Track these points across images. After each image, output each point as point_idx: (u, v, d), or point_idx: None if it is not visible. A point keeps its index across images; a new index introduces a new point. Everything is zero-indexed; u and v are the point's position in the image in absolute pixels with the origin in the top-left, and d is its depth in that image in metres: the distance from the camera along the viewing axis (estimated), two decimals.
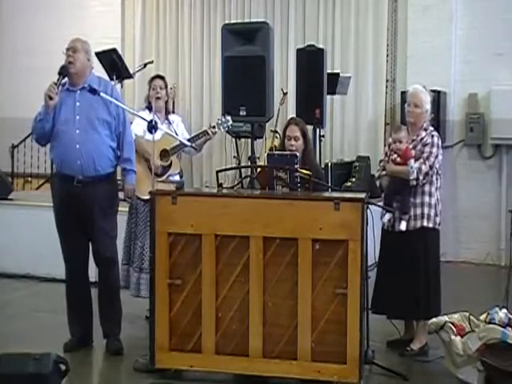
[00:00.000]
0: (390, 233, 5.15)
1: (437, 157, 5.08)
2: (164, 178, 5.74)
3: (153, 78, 6.03)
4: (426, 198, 5.08)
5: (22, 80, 10.61)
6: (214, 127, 5.76)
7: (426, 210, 5.08)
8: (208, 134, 5.77)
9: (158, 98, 5.88)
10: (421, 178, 5.02)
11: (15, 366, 4.16)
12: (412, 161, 5.03)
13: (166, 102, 6.00)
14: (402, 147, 5.10)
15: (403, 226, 5.06)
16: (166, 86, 6.00)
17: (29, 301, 6.63)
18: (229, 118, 5.70)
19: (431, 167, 5.05)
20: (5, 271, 7.35)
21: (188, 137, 5.89)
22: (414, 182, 5.03)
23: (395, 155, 5.12)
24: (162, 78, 6.04)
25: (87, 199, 4.96)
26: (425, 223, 5.07)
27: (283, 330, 4.43)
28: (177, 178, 5.93)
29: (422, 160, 5.03)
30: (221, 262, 4.50)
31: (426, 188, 5.09)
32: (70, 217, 5.03)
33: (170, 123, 5.94)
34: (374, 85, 9.13)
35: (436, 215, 5.12)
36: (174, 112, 6.13)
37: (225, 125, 5.73)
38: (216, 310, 4.51)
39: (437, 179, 5.14)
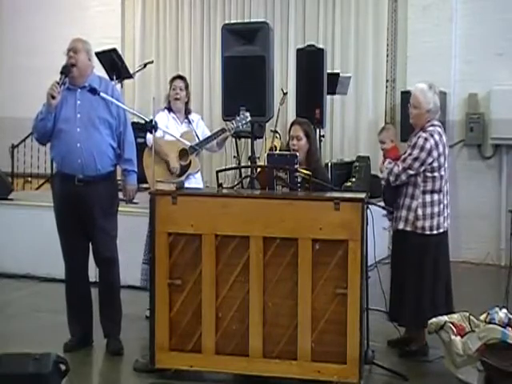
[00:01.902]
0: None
1: (416, 159, 4.88)
2: (184, 177, 5.73)
3: (174, 78, 6.05)
4: (407, 201, 4.98)
5: (21, 80, 10.62)
6: (232, 123, 5.74)
7: (403, 213, 4.98)
8: (226, 131, 5.76)
9: (176, 99, 5.89)
10: (391, 178, 4.97)
11: (15, 366, 4.16)
12: (387, 161, 5.05)
13: (186, 103, 6.00)
14: (386, 148, 5.16)
15: (386, 225, 5.09)
16: (187, 87, 6.00)
17: (29, 301, 6.63)
18: (247, 114, 5.67)
19: (405, 169, 4.91)
20: (5, 271, 7.34)
21: (209, 134, 5.89)
22: (383, 182, 5.03)
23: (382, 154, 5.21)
24: (182, 78, 6.05)
25: (88, 198, 4.96)
26: (400, 226, 5.00)
27: (283, 330, 4.43)
28: (198, 176, 5.92)
29: (398, 161, 4.98)
30: (221, 262, 4.50)
31: (410, 190, 4.97)
32: (70, 216, 5.03)
33: (189, 122, 5.96)
34: (374, 85, 9.14)
35: (417, 219, 4.92)
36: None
37: (243, 121, 5.70)
38: (216, 310, 4.51)
39: (425, 181, 4.94)
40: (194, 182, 5.85)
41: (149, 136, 5.73)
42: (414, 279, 4.96)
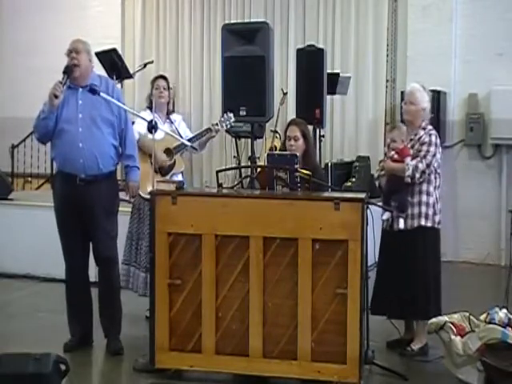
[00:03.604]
0: (388, 232, 5.15)
1: (434, 155, 5.05)
2: (168, 177, 5.74)
3: (156, 78, 6.05)
4: (424, 197, 5.07)
5: (21, 80, 10.62)
6: (216, 124, 5.76)
7: (423, 209, 5.06)
8: (211, 131, 5.77)
9: (160, 98, 5.90)
10: (417, 175, 5.00)
11: (15, 366, 4.15)
12: (409, 158, 5.04)
13: (168, 103, 6.01)
14: (398, 146, 5.13)
15: (401, 224, 5.07)
16: (169, 88, 6.01)
17: (29, 301, 6.63)
18: (231, 115, 5.70)
19: (428, 166, 5.02)
20: (5, 271, 7.35)
21: (190, 135, 5.91)
22: (409, 180, 5.02)
23: (393, 152, 5.16)
24: (165, 78, 6.06)
25: (89, 198, 4.96)
26: (422, 222, 5.06)
27: (283, 330, 4.43)
28: (180, 176, 5.93)
29: (419, 158, 5.03)
30: (221, 262, 4.50)
31: (424, 187, 5.07)
32: (71, 216, 5.03)
33: (171, 122, 5.97)
34: (373, 85, 9.14)
35: (435, 214, 5.09)
36: (174, 111, 6.15)
37: (227, 122, 5.73)
38: (216, 310, 4.51)
39: (435, 178, 5.12)
40: None
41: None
42: (436, 271, 5.13)
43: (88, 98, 4.95)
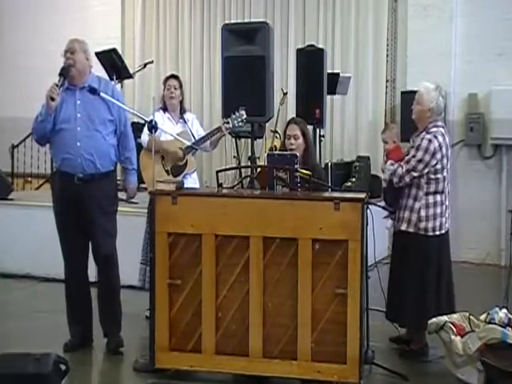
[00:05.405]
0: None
1: (420, 161, 4.87)
2: (180, 177, 5.74)
3: (167, 78, 6.07)
4: (410, 202, 4.97)
5: (21, 80, 10.63)
6: (227, 122, 5.72)
7: (406, 214, 4.97)
8: (221, 130, 5.76)
9: (171, 98, 5.91)
10: (395, 180, 4.96)
11: (15, 366, 4.15)
12: (389, 162, 5.04)
13: (181, 102, 6.01)
14: (389, 147, 5.16)
15: (388, 224, 5.09)
16: (181, 86, 6.02)
17: (29, 301, 6.63)
18: (243, 112, 5.65)
19: (409, 171, 4.90)
20: (5, 271, 7.34)
21: (203, 133, 5.90)
22: (384, 184, 5.02)
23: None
24: (176, 77, 6.08)
25: (87, 197, 4.96)
26: (403, 227, 4.99)
27: (283, 330, 4.43)
28: (194, 176, 5.93)
29: (402, 162, 4.96)
30: (221, 262, 4.50)
31: (413, 191, 4.96)
32: (69, 215, 5.03)
33: (185, 122, 5.97)
34: (374, 85, 9.14)
35: (420, 220, 4.91)
36: (186, 110, 6.13)
37: (239, 119, 5.69)
38: (216, 310, 4.51)
39: (428, 183, 4.93)
40: (191, 181, 5.86)
41: (144, 137, 5.76)
42: (418, 280, 4.96)
43: (86, 98, 4.95)
